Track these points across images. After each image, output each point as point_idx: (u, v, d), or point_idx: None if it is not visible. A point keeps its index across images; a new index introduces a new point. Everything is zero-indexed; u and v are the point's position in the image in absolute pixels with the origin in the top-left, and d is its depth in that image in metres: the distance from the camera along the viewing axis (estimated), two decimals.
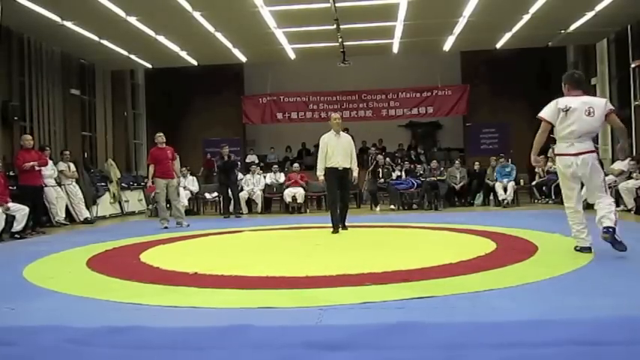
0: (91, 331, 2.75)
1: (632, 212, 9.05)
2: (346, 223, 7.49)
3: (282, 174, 12.78)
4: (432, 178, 11.95)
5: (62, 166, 10.50)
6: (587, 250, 4.77)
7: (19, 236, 7.97)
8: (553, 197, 11.97)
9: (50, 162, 10.05)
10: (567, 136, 4.67)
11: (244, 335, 2.63)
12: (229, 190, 11.30)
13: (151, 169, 9.03)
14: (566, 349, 2.29)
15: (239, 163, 13.35)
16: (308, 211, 12.12)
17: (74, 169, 10.77)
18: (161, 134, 9.23)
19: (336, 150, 7.24)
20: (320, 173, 7.34)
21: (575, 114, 4.61)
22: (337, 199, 7.36)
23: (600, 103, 4.76)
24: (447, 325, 2.73)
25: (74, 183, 10.65)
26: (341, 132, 7.43)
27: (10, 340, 2.66)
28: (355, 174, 7.62)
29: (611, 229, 4.53)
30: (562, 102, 4.70)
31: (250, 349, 2.45)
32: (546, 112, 4.75)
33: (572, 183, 4.83)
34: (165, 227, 8.74)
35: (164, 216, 9.05)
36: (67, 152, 10.77)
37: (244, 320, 2.87)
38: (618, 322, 2.68)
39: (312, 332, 2.73)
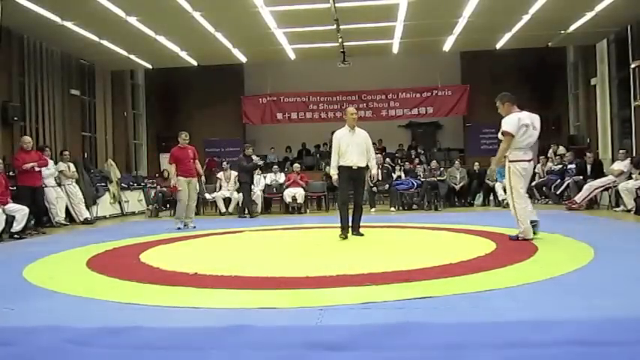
0: (91, 332, 2.75)
1: (632, 212, 9.04)
2: (360, 229, 6.89)
3: (282, 174, 12.77)
4: (432, 179, 11.95)
5: (62, 166, 10.49)
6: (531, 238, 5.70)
7: (18, 236, 7.97)
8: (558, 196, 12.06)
9: (51, 162, 10.05)
10: (525, 146, 5.72)
11: (244, 335, 2.63)
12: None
13: (173, 168, 8.87)
14: (567, 349, 2.29)
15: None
16: (308, 211, 12.12)
17: (74, 170, 10.76)
18: (186, 134, 8.96)
19: (350, 147, 6.64)
20: (334, 172, 6.85)
21: (530, 129, 5.71)
22: (347, 200, 6.86)
23: (537, 117, 5.86)
24: (447, 325, 2.72)
25: (74, 183, 10.64)
26: (356, 127, 6.82)
27: (9, 340, 2.65)
28: (374, 171, 7.08)
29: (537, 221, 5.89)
30: (523, 118, 5.69)
31: (250, 349, 2.44)
32: (512, 128, 5.67)
33: (526, 183, 5.81)
34: (179, 228, 8.59)
35: (181, 216, 8.85)
36: (67, 152, 10.76)
37: (244, 320, 2.86)
38: (619, 322, 2.67)
39: (312, 332, 2.72)
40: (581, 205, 10.02)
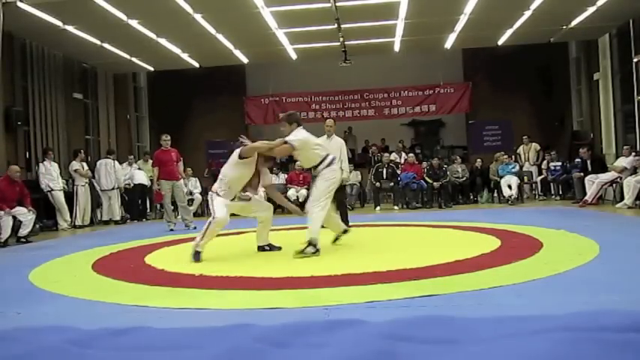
0: (94, 333, 2.74)
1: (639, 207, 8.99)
2: (349, 224, 7.20)
3: (285, 175, 12.77)
4: (437, 183, 11.85)
5: (76, 165, 10.56)
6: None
7: (24, 240, 8.00)
8: (561, 194, 12.06)
9: (55, 165, 10.09)
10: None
11: (249, 335, 2.63)
12: None
13: (156, 171, 9.06)
14: (570, 344, 2.28)
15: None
16: None
17: (87, 169, 10.84)
18: (167, 136, 9.22)
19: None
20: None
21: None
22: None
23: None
24: (454, 319, 2.71)
25: (87, 185, 10.69)
26: (333, 135, 7.71)
27: (12, 341, 2.65)
28: (344, 175, 7.71)
29: None
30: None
31: (255, 349, 2.44)
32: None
33: None
34: (172, 229, 8.73)
35: (170, 218, 9.03)
36: (82, 151, 10.89)
37: (250, 320, 2.86)
38: (624, 317, 2.66)
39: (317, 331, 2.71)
40: (592, 203, 9.99)
